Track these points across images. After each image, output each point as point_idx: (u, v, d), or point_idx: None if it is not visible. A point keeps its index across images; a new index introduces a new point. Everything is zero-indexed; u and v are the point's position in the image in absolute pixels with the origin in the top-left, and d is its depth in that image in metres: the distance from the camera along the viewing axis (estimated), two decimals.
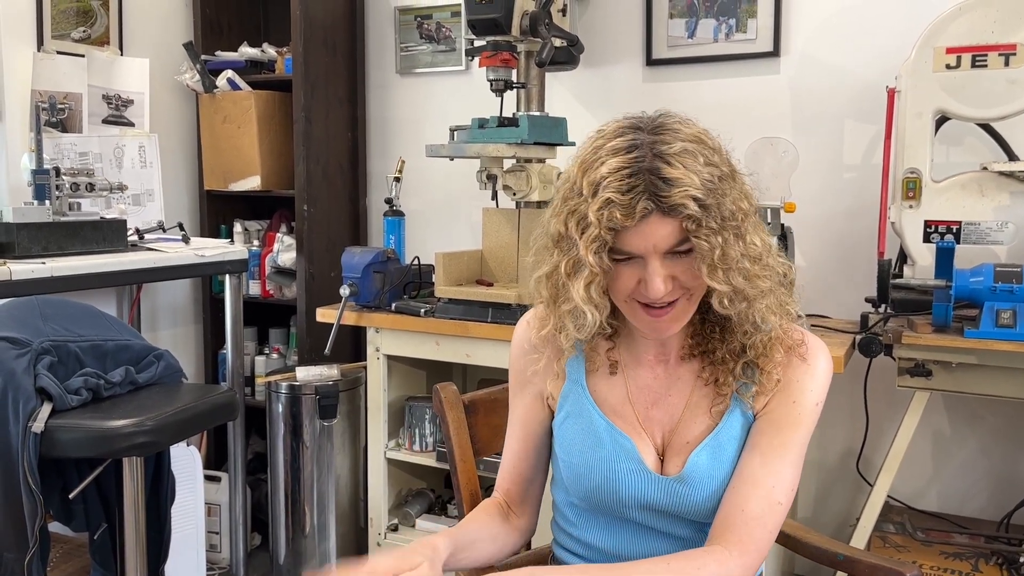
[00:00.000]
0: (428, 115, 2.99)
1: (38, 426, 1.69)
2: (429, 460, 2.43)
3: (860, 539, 2.01)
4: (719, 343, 1.14)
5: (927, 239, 2.03)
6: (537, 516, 1.31)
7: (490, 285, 2.38)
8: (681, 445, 1.14)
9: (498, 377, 1.94)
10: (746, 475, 1.10)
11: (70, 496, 1.89)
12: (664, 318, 1.07)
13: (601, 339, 1.20)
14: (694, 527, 1.16)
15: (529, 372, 1.25)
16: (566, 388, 1.22)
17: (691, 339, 1.17)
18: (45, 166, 2.16)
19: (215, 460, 3.02)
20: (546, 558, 1.34)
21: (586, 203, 1.03)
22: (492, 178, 2.32)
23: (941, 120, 2.09)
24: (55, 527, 2.14)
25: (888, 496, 2.03)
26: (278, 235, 2.97)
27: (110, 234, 2.23)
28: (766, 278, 1.08)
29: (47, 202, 2.13)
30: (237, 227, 3.03)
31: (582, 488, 1.17)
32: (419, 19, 2.97)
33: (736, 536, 1.07)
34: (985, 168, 2.01)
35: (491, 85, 2.31)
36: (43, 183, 2.13)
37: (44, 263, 2.00)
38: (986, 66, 1.94)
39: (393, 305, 2.37)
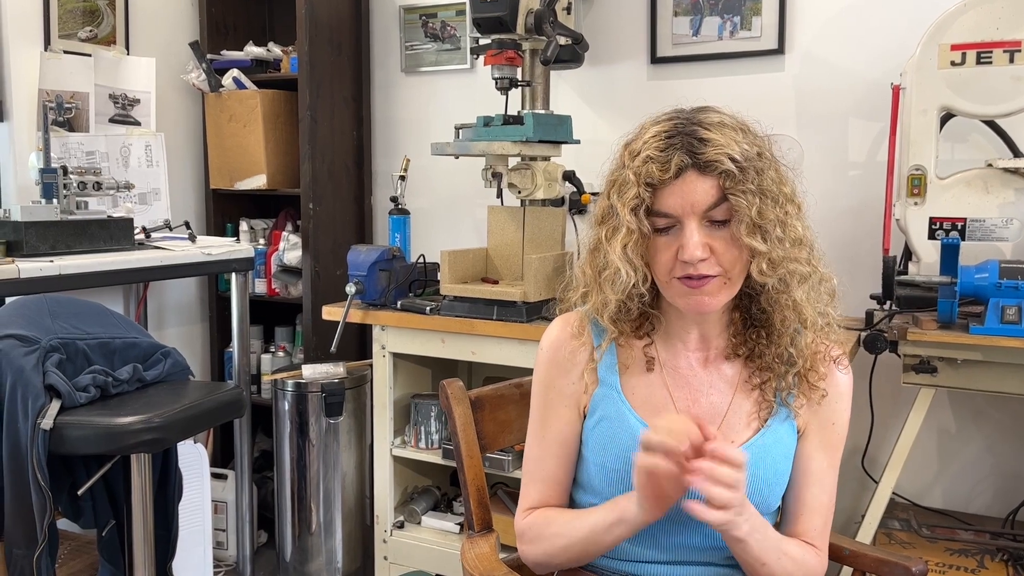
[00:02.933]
0: (433, 114, 2.99)
1: (47, 423, 1.70)
2: (435, 457, 2.44)
3: (866, 535, 2.01)
4: (765, 347, 1.14)
5: (932, 236, 2.03)
6: None
7: (495, 283, 2.39)
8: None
9: (504, 374, 1.95)
10: (818, 478, 1.17)
11: (79, 493, 1.90)
12: (702, 289, 1.07)
13: (635, 338, 1.20)
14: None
15: (564, 384, 1.22)
16: (599, 392, 1.20)
17: (733, 338, 1.17)
18: (53, 165, 2.17)
19: (221, 458, 3.04)
20: None
21: (626, 168, 1.08)
22: (497, 176, 2.32)
23: (946, 117, 2.08)
24: (63, 524, 2.15)
25: (893, 493, 2.03)
26: (284, 234, 2.98)
27: (117, 233, 2.24)
28: (806, 263, 1.10)
29: (55, 201, 2.14)
30: (243, 226, 3.04)
31: (618, 491, 1.15)
32: (424, 18, 2.97)
33: (821, 541, 1.18)
34: (990, 165, 2.00)
35: (496, 83, 2.31)
36: (51, 182, 2.15)
37: (52, 261, 2.01)
38: (991, 63, 1.94)
39: (399, 303, 2.37)
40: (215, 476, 2.71)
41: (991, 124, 2.16)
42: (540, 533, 1.22)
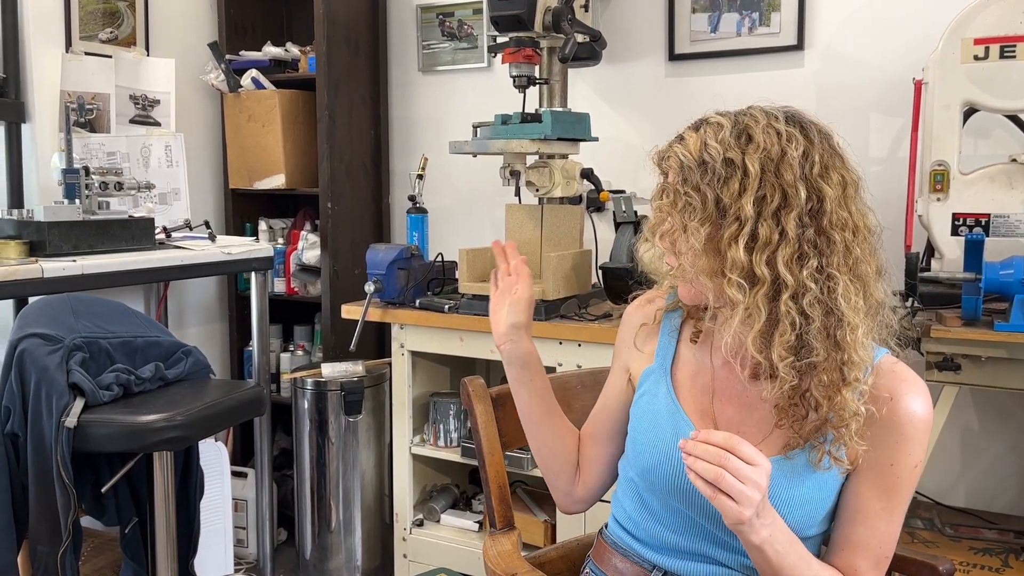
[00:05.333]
0: (451, 112, 3.00)
1: (71, 421, 1.72)
2: (454, 455, 2.44)
3: None
4: (808, 379, 1.04)
5: (955, 232, 2.01)
6: (596, 486, 1.34)
7: None
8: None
9: None
10: (867, 518, 1.08)
11: (102, 490, 1.92)
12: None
13: (699, 317, 1.21)
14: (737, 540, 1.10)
15: (622, 349, 1.30)
16: (649, 369, 1.24)
17: (778, 360, 1.03)
18: (75, 166, 2.19)
19: (241, 456, 3.05)
20: (584, 550, 1.35)
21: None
22: (515, 174, 2.32)
23: (969, 112, 2.06)
24: (87, 521, 2.17)
25: (916, 492, 2.02)
26: (302, 233, 2.99)
27: (138, 232, 2.26)
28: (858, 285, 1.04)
29: (77, 201, 2.15)
30: (262, 225, 3.06)
31: (640, 465, 1.19)
32: (441, 17, 2.98)
33: None
34: (1014, 160, 1.98)
35: (514, 81, 2.31)
36: (73, 182, 2.16)
37: (75, 261, 2.03)
38: (1015, 57, 1.91)
39: (417, 301, 2.38)
40: (235, 474, 2.73)
41: (1014, 119, 2.13)
42: None
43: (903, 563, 1.27)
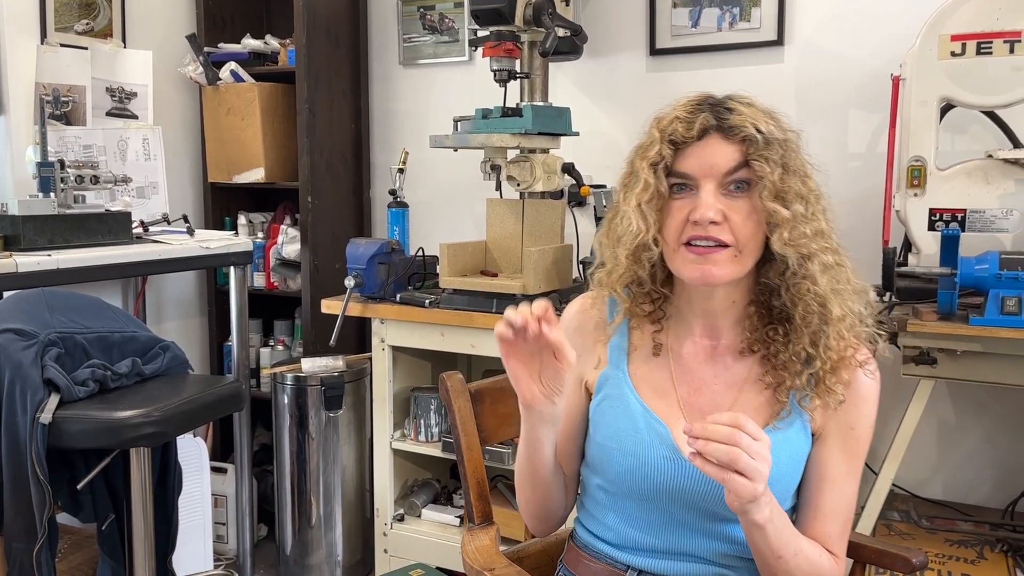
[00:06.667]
0: (432, 106, 2.99)
1: (46, 417, 1.70)
2: (434, 450, 2.44)
3: (865, 527, 2.01)
4: (782, 345, 1.12)
5: (932, 227, 2.03)
6: (573, 499, 1.32)
7: (495, 275, 2.38)
8: None
9: (503, 368, 1.94)
10: (835, 483, 1.13)
11: (78, 487, 1.90)
12: (709, 258, 1.06)
13: (647, 322, 1.20)
14: (726, 523, 1.12)
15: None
16: (605, 373, 1.21)
17: (749, 334, 1.15)
18: (50, 159, 2.16)
19: (221, 452, 3.03)
20: (562, 544, 1.35)
21: (652, 130, 1.10)
22: (496, 169, 2.32)
23: (946, 108, 2.08)
24: (64, 518, 2.15)
25: (893, 484, 2.03)
26: (282, 227, 2.97)
27: (115, 226, 2.24)
28: (832, 253, 1.09)
29: (52, 195, 2.13)
30: (241, 219, 3.04)
31: (612, 471, 1.17)
32: (422, 10, 2.96)
33: (839, 547, 1.15)
34: (990, 156, 2.00)
35: (495, 75, 2.30)
36: (48, 176, 2.14)
37: (50, 255, 2.00)
38: (991, 53, 1.93)
39: (398, 296, 2.37)
40: (215, 470, 2.71)
41: (991, 115, 2.15)
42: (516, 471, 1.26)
43: (877, 555, 1.28)
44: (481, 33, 2.29)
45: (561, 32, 2.29)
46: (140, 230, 2.43)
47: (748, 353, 1.15)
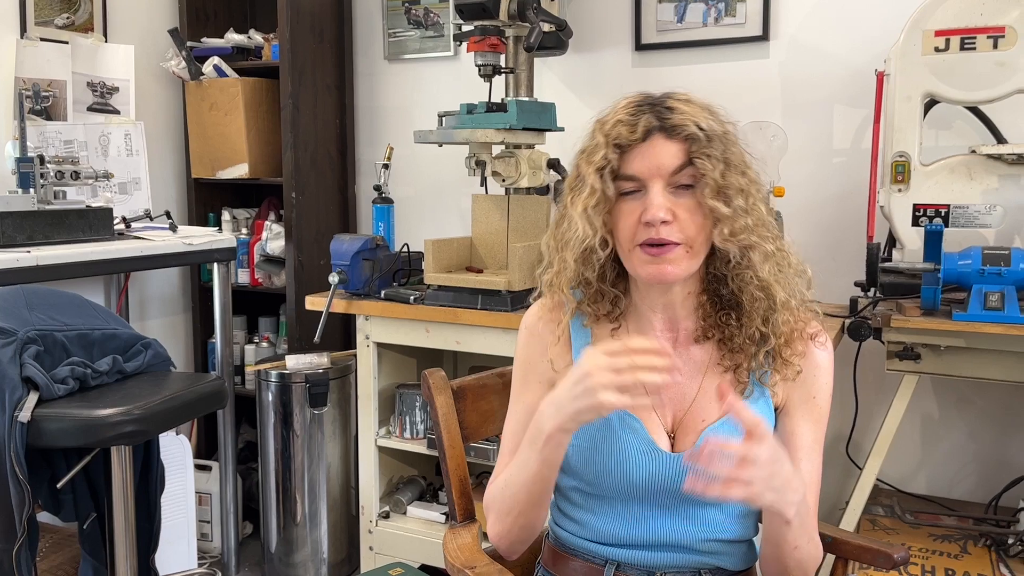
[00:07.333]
0: (417, 101, 2.97)
1: (25, 416, 1.68)
2: (420, 447, 2.43)
3: (849, 522, 2.02)
4: (736, 329, 1.14)
5: (916, 223, 2.03)
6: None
7: (480, 272, 2.38)
8: (696, 424, 1.14)
9: (488, 364, 1.94)
10: (804, 472, 1.15)
11: (58, 486, 1.88)
12: (664, 257, 1.08)
13: (607, 321, 1.20)
14: (705, 511, 1.14)
15: (538, 362, 1.23)
16: None
17: (704, 321, 1.17)
18: (29, 154, 2.14)
19: (206, 449, 3.02)
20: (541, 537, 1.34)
21: (596, 134, 1.12)
22: (481, 164, 2.31)
23: (930, 103, 2.08)
24: (45, 517, 2.13)
25: (877, 479, 2.04)
26: (266, 223, 2.95)
27: (96, 223, 2.22)
28: (771, 242, 1.11)
29: (32, 190, 2.11)
30: (225, 215, 3.02)
31: (591, 472, 1.16)
32: (407, 5, 2.95)
33: (816, 520, 1.17)
34: (974, 151, 2.00)
35: (479, 70, 2.29)
36: (27, 171, 2.12)
37: (29, 252, 1.98)
38: (975, 49, 1.93)
39: (383, 292, 2.36)
40: (199, 467, 2.69)
41: (975, 110, 2.16)
42: (493, 496, 1.21)
43: (859, 551, 1.28)
44: (466, 28, 2.27)
45: (546, 27, 2.28)
46: (122, 226, 2.41)
47: (704, 339, 1.18)
